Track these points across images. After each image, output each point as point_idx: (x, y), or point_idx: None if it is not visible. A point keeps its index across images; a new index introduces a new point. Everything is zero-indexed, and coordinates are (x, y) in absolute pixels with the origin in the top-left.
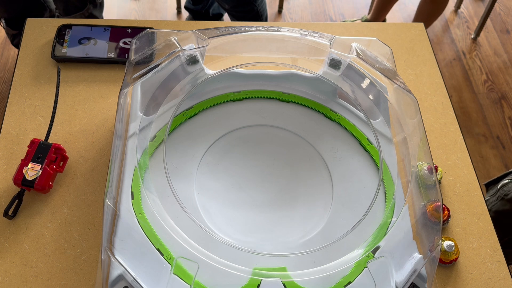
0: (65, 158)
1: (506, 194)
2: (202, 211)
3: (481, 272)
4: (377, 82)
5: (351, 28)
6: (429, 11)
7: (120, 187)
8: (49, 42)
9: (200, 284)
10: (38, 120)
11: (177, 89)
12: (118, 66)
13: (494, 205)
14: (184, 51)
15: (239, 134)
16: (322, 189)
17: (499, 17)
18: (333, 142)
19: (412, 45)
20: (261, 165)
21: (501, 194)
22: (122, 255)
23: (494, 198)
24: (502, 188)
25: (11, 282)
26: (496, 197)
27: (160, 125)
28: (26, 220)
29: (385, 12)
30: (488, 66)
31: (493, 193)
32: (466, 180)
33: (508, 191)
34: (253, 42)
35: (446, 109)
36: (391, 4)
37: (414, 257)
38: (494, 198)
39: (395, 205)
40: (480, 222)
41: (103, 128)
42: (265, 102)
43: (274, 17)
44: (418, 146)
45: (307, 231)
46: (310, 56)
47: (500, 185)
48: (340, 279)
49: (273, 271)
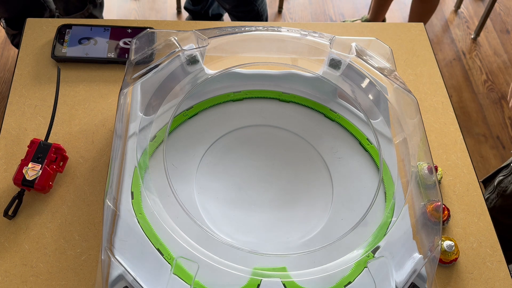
0: (65, 158)
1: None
2: (202, 211)
3: (481, 272)
4: (377, 82)
5: (351, 28)
6: (421, 11)
7: (120, 187)
8: (49, 42)
9: (200, 284)
10: (38, 120)
11: (177, 89)
12: (118, 66)
13: (495, 202)
14: (184, 51)
15: (239, 134)
16: (322, 189)
17: (499, 17)
18: (333, 142)
19: (412, 45)
20: (261, 165)
21: (500, 191)
22: (122, 255)
23: (494, 195)
24: (499, 185)
25: (11, 282)
26: (496, 194)
27: (160, 125)
28: (26, 220)
29: (383, 10)
30: (488, 66)
31: (492, 190)
32: (466, 180)
33: (506, 186)
34: (253, 42)
35: (446, 109)
36: (388, 3)
37: (414, 257)
38: (493, 195)
39: (395, 205)
40: (480, 222)
41: (103, 128)
42: (265, 102)
43: (274, 17)
44: (418, 146)
45: (307, 231)
46: (310, 56)
47: (497, 181)
48: (340, 279)
49: (273, 271)
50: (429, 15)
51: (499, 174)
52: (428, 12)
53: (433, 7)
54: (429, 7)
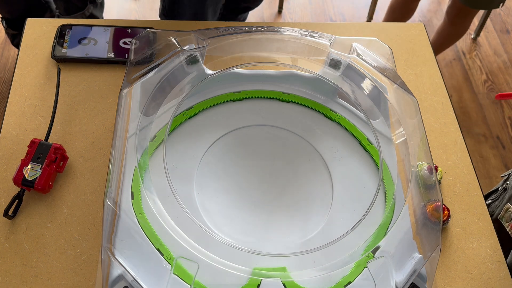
0: (65, 158)
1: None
2: (202, 211)
3: (481, 272)
4: (377, 82)
5: (351, 28)
6: (451, 33)
7: (120, 187)
8: (49, 42)
9: (200, 284)
10: (38, 120)
11: (177, 89)
12: (118, 66)
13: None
14: (184, 51)
15: (239, 134)
16: (322, 189)
17: (499, 17)
18: (333, 142)
19: (412, 45)
20: (261, 165)
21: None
22: (122, 255)
23: None
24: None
25: (11, 282)
26: None
27: (160, 125)
28: (26, 220)
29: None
30: (488, 66)
31: None
32: (466, 180)
33: (493, 211)
34: (253, 42)
35: (446, 109)
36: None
37: (414, 257)
38: None
39: (395, 205)
40: (480, 222)
41: (103, 128)
42: (265, 102)
43: (274, 17)
44: (418, 146)
45: (307, 231)
46: (310, 56)
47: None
48: (340, 279)
49: (273, 271)
50: (456, 39)
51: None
52: (458, 35)
53: (463, 30)
54: (460, 30)
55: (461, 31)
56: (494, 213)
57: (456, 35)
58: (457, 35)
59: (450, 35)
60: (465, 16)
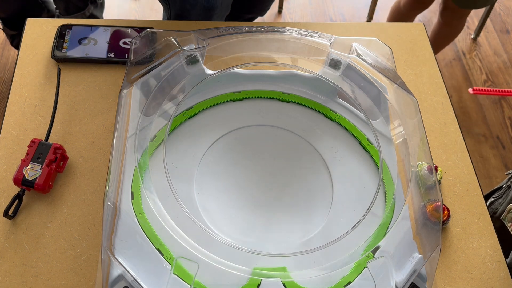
0: (65, 158)
1: (494, 212)
2: (202, 211)
3: (481, 272)
4: (377, 82)
5: (351, 28)
6: (445, 34)
7: (120, 187)
8: (49, 42)
9: (200, 284)
10: (38, 120)
11: (177, 89)
12: (118, 66)
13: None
14: (184, 51)
15: (239, 134)
16: (322, 189)
17: (499, 17)
18: (333, 142)
19: (412, 45)
20: (261, 165)
21: (491, 212)
22: (122, 255)
23: None
24: (490, 206)
25: (11, 282)
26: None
27: (160, 125)
28: (26, 220)
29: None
30: (488, 66)
31: None
32: (466, 180)
33: (496, 208)
34: (253, 42)
35: (446, 109)
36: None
37: (414, 257)
38: None
39: (395, 205)
40: (480, 222)
41: (103, 128)
42: (265, 102)
43: (274, 17)
44: (418, 146)
45: (307, 231)
46: (310, 56)
47: (489, 202)
48: (340, 279)
49: (273, 271)
50: (452, 39)
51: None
52: (453, 35)
53: (458, 31)
54: (454, 31)
55: (455, 31)
56: (497, 210)
57: (451, 35)
58: (451, 35)
59: (445, 35)
60: (459, 17)
